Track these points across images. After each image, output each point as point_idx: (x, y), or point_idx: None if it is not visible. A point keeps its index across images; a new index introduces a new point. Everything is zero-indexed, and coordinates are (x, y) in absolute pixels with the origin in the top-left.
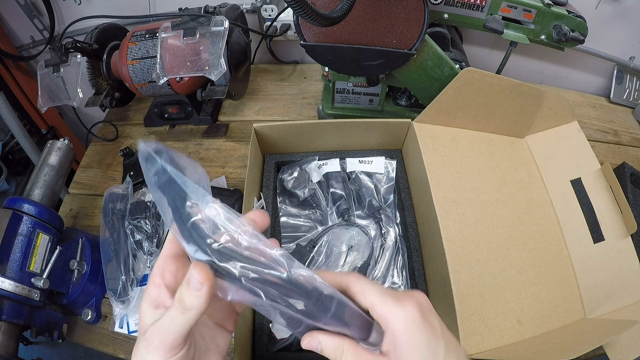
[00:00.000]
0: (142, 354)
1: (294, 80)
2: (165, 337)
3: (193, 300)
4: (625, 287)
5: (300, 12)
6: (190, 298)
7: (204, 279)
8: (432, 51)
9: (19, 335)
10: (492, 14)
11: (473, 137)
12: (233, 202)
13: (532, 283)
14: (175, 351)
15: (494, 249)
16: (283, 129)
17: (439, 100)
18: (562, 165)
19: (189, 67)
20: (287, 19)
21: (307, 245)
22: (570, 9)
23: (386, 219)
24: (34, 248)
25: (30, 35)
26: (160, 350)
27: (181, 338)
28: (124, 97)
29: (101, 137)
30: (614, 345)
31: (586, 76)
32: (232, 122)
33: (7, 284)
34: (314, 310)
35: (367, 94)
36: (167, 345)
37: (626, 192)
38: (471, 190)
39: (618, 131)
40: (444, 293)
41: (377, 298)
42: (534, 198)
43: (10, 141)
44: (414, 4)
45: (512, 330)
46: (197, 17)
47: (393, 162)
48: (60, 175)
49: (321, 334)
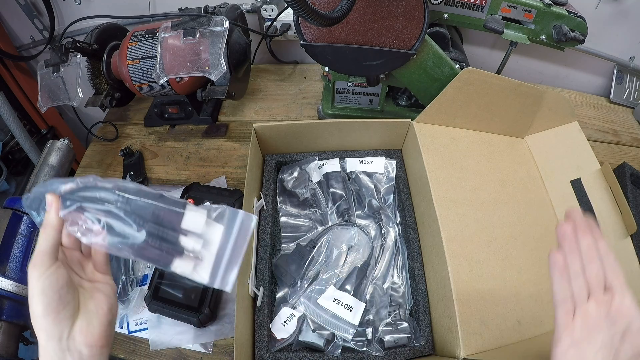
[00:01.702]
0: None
1: (294, 80)
2: (36, 255)
3: (47, 216)
4: None
5: (300, 12)
6: (46, 215)
7: (52, 198)
8: (432, 51)
9: (19, 335)
10: (492, 14)
11: (473, 137)
12: (233, 202)
13: (532, 283)
14: (44, 266)
15: (494, 249)
16: (283, 129)
17: (439, 100)
18: (562, 166)
19: (189, 67)
20: (287, 19)
21: (307, 245)
22: (570, 9)
23: (386, 219)
24: (33, 248)
25: (30, 35)
26: (34, 266)
27: (47, 255)
28: (124, 97)
29: (101, 137)
30: None
31: (586, 76)
32: (232, 122)
33: (7, 284)
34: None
35: (367, 94)
36: (38, 261)
37: (626, 192)
38: (471, 190)
39: (618, 131)
40: (444, 293)
41: None
42: (534, 198)
43: (10, 141)
44: (414, 4)
45: (511, 330)
46: (197, 17)
47: (393, 162)
48: (60, 175)
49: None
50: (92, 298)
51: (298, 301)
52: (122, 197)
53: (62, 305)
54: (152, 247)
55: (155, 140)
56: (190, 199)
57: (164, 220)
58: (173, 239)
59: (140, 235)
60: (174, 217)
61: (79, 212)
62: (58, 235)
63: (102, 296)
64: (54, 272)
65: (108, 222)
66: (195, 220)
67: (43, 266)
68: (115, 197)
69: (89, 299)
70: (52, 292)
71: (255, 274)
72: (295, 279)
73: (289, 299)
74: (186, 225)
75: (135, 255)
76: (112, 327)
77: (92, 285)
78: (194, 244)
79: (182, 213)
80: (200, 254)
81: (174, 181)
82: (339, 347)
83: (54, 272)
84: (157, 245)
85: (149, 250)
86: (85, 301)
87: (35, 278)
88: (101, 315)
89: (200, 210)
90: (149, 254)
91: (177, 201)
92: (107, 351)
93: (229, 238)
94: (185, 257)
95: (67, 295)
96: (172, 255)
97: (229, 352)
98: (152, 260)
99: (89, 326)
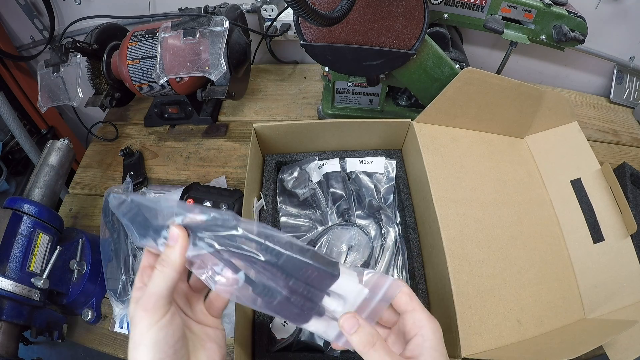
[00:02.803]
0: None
1: (294, 80)
2: (149, 297)
3: (170, 253)
4: (625, 287)
5: (300, 12)
6: (167, 251)
7: (179, 233)
8: (432, 51)
9: (19, 335)
10: (492, 14)
11: (473, 137)
12: (233, 202)
13: (532, 283)
14: (159, 313)
15: (494, 249)
16: (283, 129)
17: (439, 100)
18: (562, 166)
19: (189, 67)
20: (287, 19)
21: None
22: (570, 9)
23: (386, 219)
24: (34, 248)
25: (30, 35)
26: (145, 312)
27: (163, 299)
28: (124, 97)
29: (101, 137)
30: (614, 345)
31: (586, 76)
32: (232, 122)
33: (7, 284)
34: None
35: (367, 94)
36: (150, 305)
37: (626, 192)
38: (471, 190)
39: (618, 131)
40: (443, 293)
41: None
42: (533, 198)
43: (10, 141)
44: (414, 4)
45: (511, 330)
46: (197, 17)
47: (393, 162)
48: (60, 175)
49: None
50: (204, 348)
51: None
52: (270, 249)
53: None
54: (291, 305)
55: (155, 140)
56: (190, 199)
57: (314, 280)
58: (317, 299)
59: (283, 290)
60: (324, 277)
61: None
62: (178, 277)
63: (214, 346)
64: (170, 322)
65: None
66: (347, 285)
67: (158, 313)
68: (261, 246)
69: (199, 349)
70: (166, 346)
71: None
72: None
73: None
74: (336, 288)
75: (268, 308)
76: None
77: (203, 331)
78: (335, 306)
79: (336, 276)
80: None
81: (174, 181)
82: None
83: (169, 322)
84: (299, 303)
85: (287, 307)
86: (195, 352)
87: (145, 326)
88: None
89: (352, 274)
90: (286, 311)
91: (330, 261)
92: None
93: (370, 303)
94: (324, 318)
95: (182, 349)
96: (311, 314)
97: (229, 352)
98: (287, 317)
99: None
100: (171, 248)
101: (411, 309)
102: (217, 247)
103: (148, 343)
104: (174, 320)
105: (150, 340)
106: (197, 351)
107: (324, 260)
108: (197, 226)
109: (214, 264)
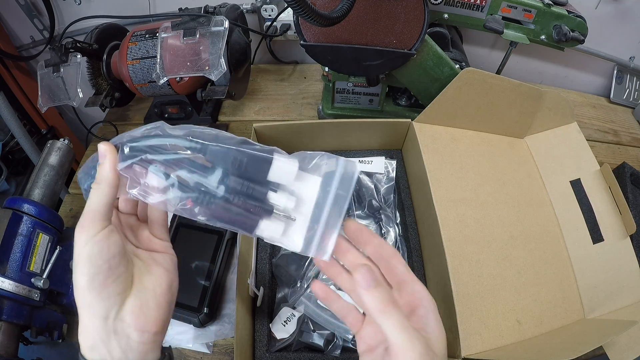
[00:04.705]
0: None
1: (294, 80)
2: (86, 214)
3: (101, 170)
4: (624, 288)
5: (300, 12)
6: (99, 169)
7: (106, 148)
8: (432, 51)
9: (19, 335)
10: (492, 14)
11: (473, 138)
12: None
13: (531, 283)
14: (95, 228)
15: (494, 249)
16: (283, 129)
17: (439, 100)
18: (561, 166)
19: (189, 67)
20: (287, 19)
21: None
22: (570, 9)
23: (386, 219)
24: (34, 248)
25: (30, 35)
26: (82, 228)
27: (99, 214)
28: (124, 97)
29: (101, 137)
30: (613, 345)
31: (586, 76)
32: (232, 122)
33: (7, 284)
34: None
35: (367, 94)
36: (87, 222)
37: (626, 193)
38: (471, 190)
39: (618, 131)
40: (444, 293)
41: (415, 277)
42: (533, 198)
43: (10, 141)
44: (414, 4)
45: (511, 330)
46: (197, 17)
47: (393, 162)
48: (60, 175)
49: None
50: (149, 272)
51: (298, 301)
52: (196, 144)
53: (112, 278)
54: (233, 206)
55: None
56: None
57: (249, 171)
58: (260, 196)
59: (219, 190)
60: (260, 166)
61: (142, 166)
62: (113, 192)
63: (161, 270)
64: (106, 236)
65: (179, 176)
66: (285, 171)
67: (93, 229)
68: (188, 144)
69: (145, 274)
70: (101, 260)
71: (256, 274)
72: (295, 279)
73: (289, 299)
74: (274, 177)
75: (211, 216)
76: (170, 309)
77: (150, 256)
78: (286, 202)
79: (270, 159)
80: (292, 214)
81: None
82: (339, 347)
83: (105, 237)
84: (240, 203)
85: (229, 210)
86: (140, 275)
87: (82, 242)
88: (159, 294)
89: (291, 159)
90: (229, 215)
91: (263, 147)
92: (161, 338)
93: (327, 194)
94: (274, 218)
95: (119, 267)
96: (258, 216)
97: (229, 352)
98: (233, 222)
99: (143, 307)
100: (101, 165)
101: (410, 279)
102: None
103: (83, 258)
104: (111, 236)
105: (85, 255)
106: (142, 276)
107: (256, 147)
108: (128, 140)
109: (146, 177)
